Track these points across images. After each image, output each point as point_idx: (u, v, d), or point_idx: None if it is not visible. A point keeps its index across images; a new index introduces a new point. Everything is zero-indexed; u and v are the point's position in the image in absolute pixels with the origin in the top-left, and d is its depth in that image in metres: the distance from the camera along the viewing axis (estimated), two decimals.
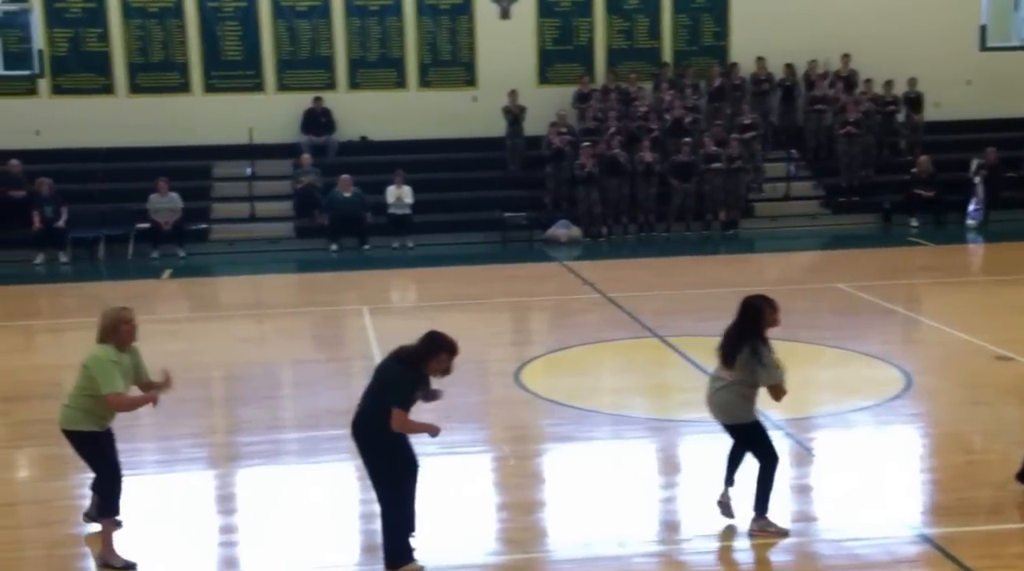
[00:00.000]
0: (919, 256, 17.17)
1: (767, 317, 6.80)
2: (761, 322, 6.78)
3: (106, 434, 6.62)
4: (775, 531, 6.89)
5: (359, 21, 20.33)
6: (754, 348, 6.70)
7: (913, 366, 10.56)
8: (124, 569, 6.48)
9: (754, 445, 6.95)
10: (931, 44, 20.16)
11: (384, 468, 6.40)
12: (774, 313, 6.85)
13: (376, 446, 6.36)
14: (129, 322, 6.51)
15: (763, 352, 6.71)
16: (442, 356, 6.36)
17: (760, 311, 6.81)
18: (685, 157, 18.97)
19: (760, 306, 6.84)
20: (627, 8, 20.84)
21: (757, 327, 6.76)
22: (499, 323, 13.56)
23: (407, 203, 18.67)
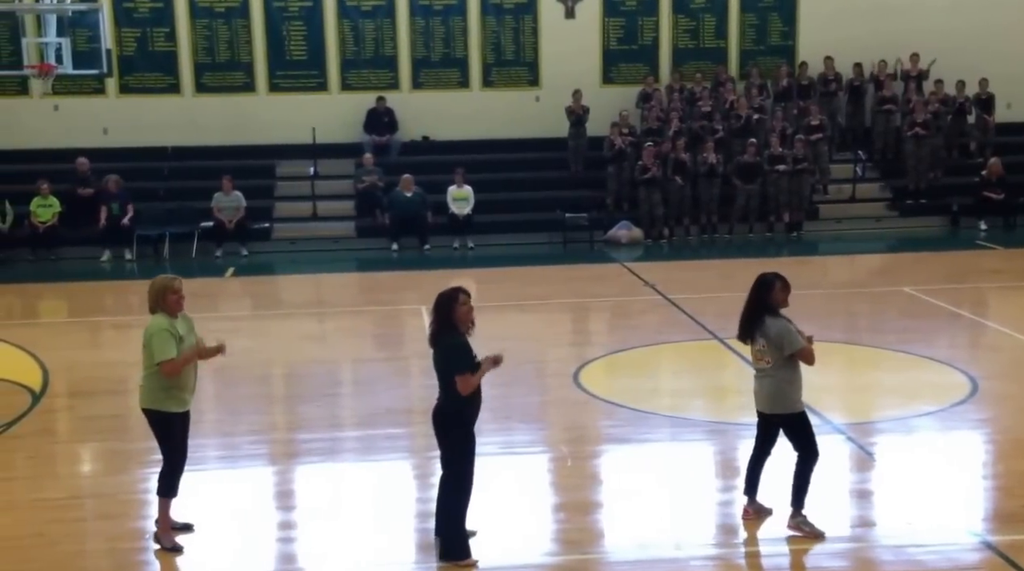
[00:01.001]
0: (987, 260, 16.81)
1: (776, 292, 6.82)
2: (769, 296, 6.82)
3: (180, 417, 6.72)
4: (810, 532, 6.82)
5: (423, 21, 20.43)
6: (768, 321, 6.81)
7: (979, 371, 10.35)
8: (171, 550, 6.61)
9: (797, 437, 6.92)
10: (1003, 44, 19.77)
11: (456, 459, 6.49)
12: (784, 291, 6.86)
13: (451, 436, 6.48)
14: (176, 291, 6.62)
15: (777, 322, 6.79)
16: (458, 303, 6.48)
17: (770, 285, 6.86)
18: (750, 158, 18.77)
19: (771, 280, 6.90)
20: (693, 7, 20.69)
21: (766, 301, 6.82)
22: (559, 324, 13.53)
23: (468, 203, 18.71)
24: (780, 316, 6.88)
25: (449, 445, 6.52)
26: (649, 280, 15.11)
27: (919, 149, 19.36)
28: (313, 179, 19.44)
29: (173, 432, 6.70)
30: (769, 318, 6.84)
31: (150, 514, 7.55)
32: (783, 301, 6.90)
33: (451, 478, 6.53)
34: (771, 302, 6.85)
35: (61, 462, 8.69)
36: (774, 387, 6.92)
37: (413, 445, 8.82)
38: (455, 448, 6.50)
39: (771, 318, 6.84)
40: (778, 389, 6.91)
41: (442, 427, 6.51)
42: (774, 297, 6.85)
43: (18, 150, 19.43)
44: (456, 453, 6.50)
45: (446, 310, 6.49)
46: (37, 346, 11.96)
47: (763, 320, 6.84)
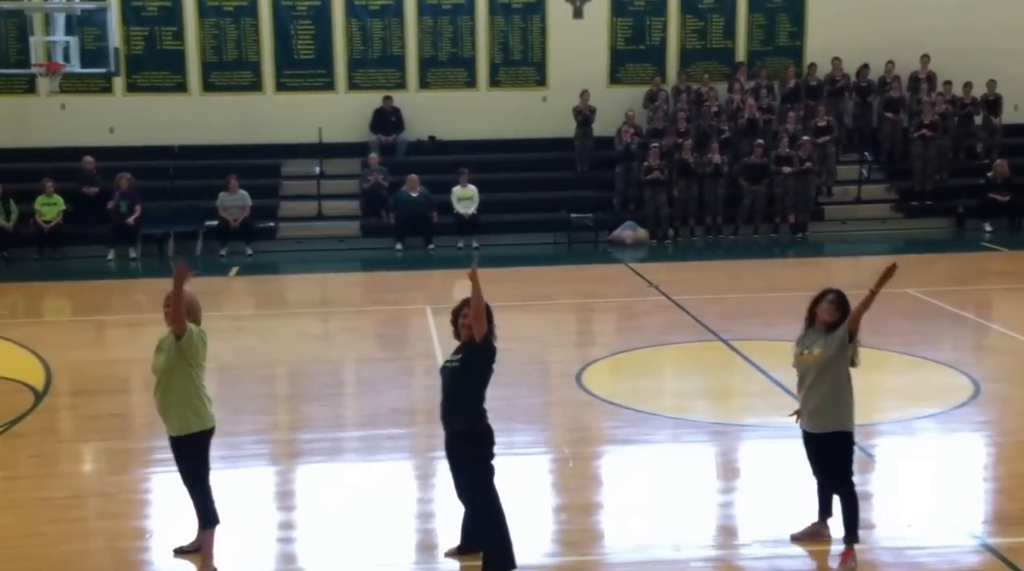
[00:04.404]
0: (992, 262, 16.79)
1: (815, 305, 6.68)
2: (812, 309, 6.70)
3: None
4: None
5: (431, 20, 20.43)
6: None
7: (982, 374, 10.34)
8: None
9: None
10: (1011, 45, 19.69)
11: (482, 469, 6.38)
12: (816, 303, 6.69)
13: (484, 444, 6.39)
14: (165, 305, 6.43)
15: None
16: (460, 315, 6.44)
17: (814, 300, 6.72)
18: (757, 159, 18.76)
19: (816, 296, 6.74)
20: (702, 8, 20.65)
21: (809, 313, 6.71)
22: (563, 324, 13.55)
23: (473, 202, 18.73)
24: (805, 328, 6.76)
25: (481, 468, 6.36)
26: (653, 281, 15.11)
27: (926, 150, 19.32)
28: (319, 178, 19.46)
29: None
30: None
31: (151, 514, 7.60)
32: (819, 312, 6.68)
33: (485, 488, 6.37)
34: (811, 315, 6.75)
35: (63, 461, 8.71)
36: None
37: (415, 445, 8.83)
38: (484, 467, 6.37)
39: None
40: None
41: (471, 448, 6.35)
42: (813, 310, 6.72)
43: (25, 148, 19.47)
44: (487, 473, 6.38)
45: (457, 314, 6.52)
46: (40, 345, 11.98)
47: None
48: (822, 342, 6.54)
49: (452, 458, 6.47)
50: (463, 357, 6.38)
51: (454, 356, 6.47)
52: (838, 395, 6.57)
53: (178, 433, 6.42)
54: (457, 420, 6.37)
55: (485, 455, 6.39)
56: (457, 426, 6.38)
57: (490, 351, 6.38)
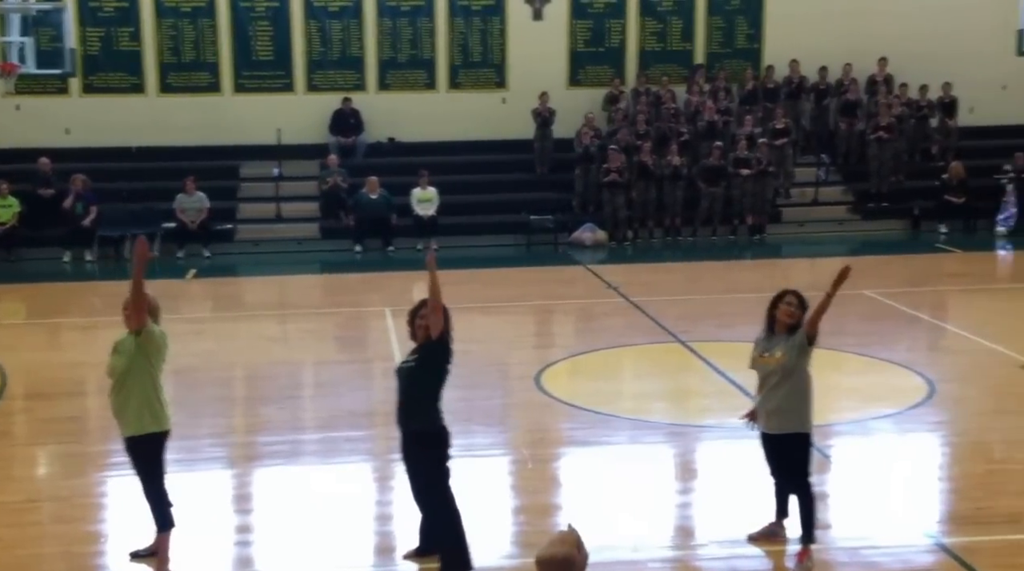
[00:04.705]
0: (947, 263, 17.01)
1: (774, 306, 6.71)
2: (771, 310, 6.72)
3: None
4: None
5: (391, 22, 20.37)
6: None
7: (937, 374, 10.46)
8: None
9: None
10: (967, 49, 19.92)
11: (438, 469, 6.37)
12: (775, 305, 6.71)
13: (435, 455, 6.36)
14: (125, 309, 6.36)
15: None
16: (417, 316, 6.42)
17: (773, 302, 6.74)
18: (715, 161, 18.89)
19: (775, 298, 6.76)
20: (661, 10, 20.76)
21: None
22: (522, 326, 13.56)
23: (432, 204, 18.71)
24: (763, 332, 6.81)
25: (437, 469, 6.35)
26: (612, 283, 15.17)
27: (882, 153, 19.55)
28: (277, 180, 19.35)
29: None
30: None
31: (107, 518, 7.52)
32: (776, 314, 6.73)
33: (444, 489, 6.38)
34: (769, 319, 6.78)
35: (18, 465, 8.61)
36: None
37: (374, 448, 8.80)
38: (440, 467, 6.36)
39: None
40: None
41: (428, 448, 6.34)
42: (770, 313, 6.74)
43: None
44: (443, 474, 6.37)
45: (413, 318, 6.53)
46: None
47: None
48: (783, 345, 6.59)
49: (408, 459, 6.46)
50: (420, 357, 6.37)
51: (410, 356, 6.46)
52: (799, 397, 6.63)
53: (134, 433, 6.36)
54: (413, 420, 6.35)
55: (441, 456, 6.38)
56: (413, 426, 6.36)
57: (447, 351, 6.37)
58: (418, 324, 6.42)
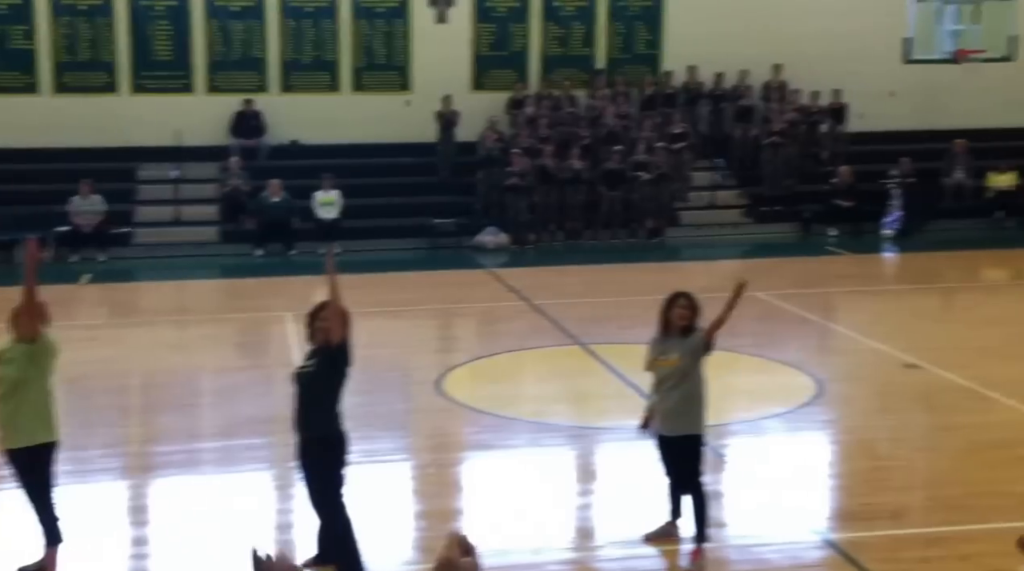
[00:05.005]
0: (836, 265, 17.50)
1: (668, 309, 6.85)
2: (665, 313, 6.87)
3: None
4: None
5: (293, 23, 20.19)
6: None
7: (826, 374, 10.80)
8: None
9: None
10: (856, 57, 20.51)
11: (334, 475, 6.37)
12: (669, 308, 6.86)
13: (338, 462, 6.36)
14: (14, 317, 6.22)
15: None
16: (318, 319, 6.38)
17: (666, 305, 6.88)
18: (615, 165, 19.16)
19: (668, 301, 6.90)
20: (563, 15, 20.96)
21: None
22: (424, 330, 13.59)
23: (335, 207, 18.62)
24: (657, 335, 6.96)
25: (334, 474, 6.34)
26: (515, 286, 15.29)
27: (775, 158, 20.05)
28: (176, 183, 19.04)
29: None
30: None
31: None
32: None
33: (339, 494, 6.37)
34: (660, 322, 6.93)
35: None
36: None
37: (275, 455, 8.73)
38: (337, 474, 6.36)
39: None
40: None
41: (325, 454, 6.32)
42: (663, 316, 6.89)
43: None
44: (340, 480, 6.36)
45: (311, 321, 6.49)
46: None
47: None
48: (679, 347, 6.75)
49: (305, 465, 6.42)
50: (319, 362, 6.33)
51: (308, 361, 6.42)
52: (694, 400, 6.81)
53: (23, 445, 6.23)
54: (311, 426, 6.32)
55: (339, 462, 6.36)
56: (311, 432, 6.32)
57: (347, 356, 6.35)
58: (317, 326, 6.39)
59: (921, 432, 9.41)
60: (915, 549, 6.93)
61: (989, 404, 9.71)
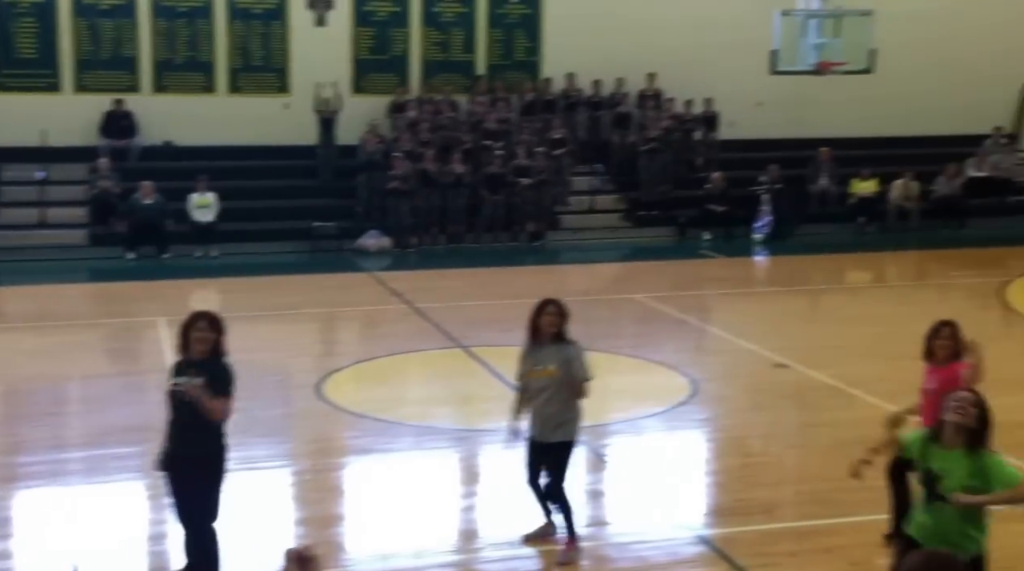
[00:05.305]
0: (710, 268, 17.96)
1: (538, 317, 6.87)
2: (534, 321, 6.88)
3: None
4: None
5: (166, 22, 19.76)
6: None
7: (700, 374, 11.06)
8: None
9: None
10: (727, 67, 21.05)
11: (216, 489, 6.25)
12: (539, 316, 6.90)
13: (221, 466, 6.25)
14: None
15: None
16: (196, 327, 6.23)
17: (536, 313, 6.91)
18: (496, 169, 19.28)
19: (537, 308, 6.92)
20: (443, 21, 20.99)
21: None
22: (304, 334, 13.43)
23: (211, 210, 18.28)
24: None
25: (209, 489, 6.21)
26: (397, 289, 15.25)
27: (651, 163, 20.46)
28: (42, 184, 18.40)
29: None
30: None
31: None
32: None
33: (217, 502, 6.26)
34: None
35: None
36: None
37: (146, 464, 8.49)
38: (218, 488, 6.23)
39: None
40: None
41: (208, 469, 6.20)
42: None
43: None
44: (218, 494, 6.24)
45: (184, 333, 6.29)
46: None
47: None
48: (554, 357, 6.80)
49: (178, 479, 6.21)
50: (208, 381, 6.10)
51: (195, 379, 6.15)
52: (572, 406, 6.88)
53: None
54: (192, 443, 6.14)
55: (217, 478, 6.23)
56: (190, 449, 6.14)
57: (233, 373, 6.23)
58: (193, 337, 6.24)
59: (790, 429, 9.73)
60: (784, 543, 7.15)
61: (852, 401, 10.08)
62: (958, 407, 4.87)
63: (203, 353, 6.19)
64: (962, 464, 4.89)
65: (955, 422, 4.90)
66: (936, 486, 4.93)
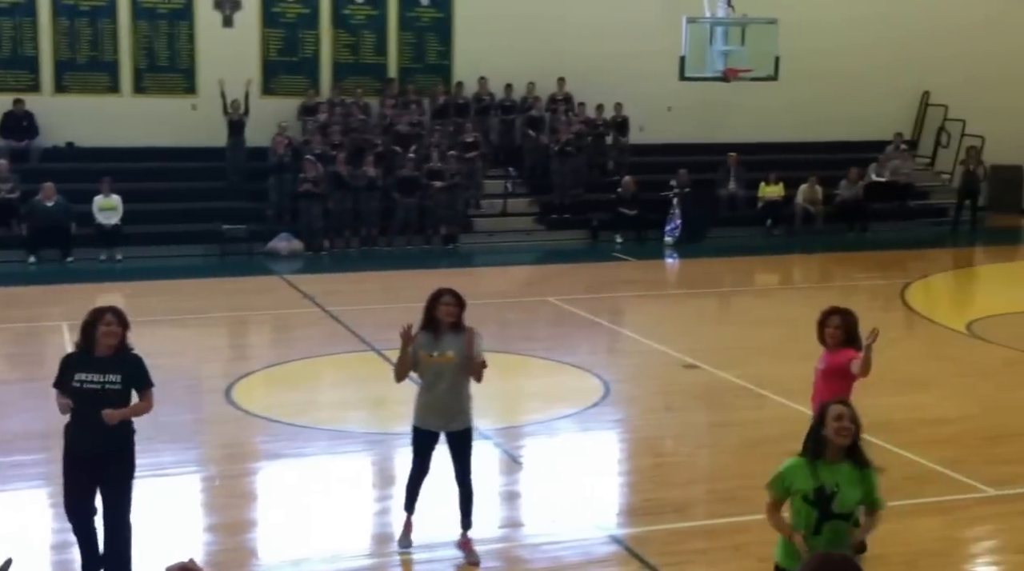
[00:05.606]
0: (622, 271, 18.13)
1: (434, 307, 6.90)
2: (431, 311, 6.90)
3: None
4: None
5: (68, 21, 19.30)
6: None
7: (613, 375, 11.18)
8: None
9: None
10: (637, 72, 21.30)
11: (131, 489, 6.27)
12: (435, 305, 6.91)
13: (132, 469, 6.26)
14: None
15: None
16: (103, 321, 6.15)
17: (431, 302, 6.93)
18: (409, 172, 19.23)
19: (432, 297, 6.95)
20: (353, 23, 20.87)
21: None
22: (213, 338, 13.23)
23: (116, 212, 17.90)
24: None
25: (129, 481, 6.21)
26: (308, 292, 15.12)
27: (563, 167, 20.62)
28: None
29: None
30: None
31: None
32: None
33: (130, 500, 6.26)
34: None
35: None
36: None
37: (49, 472, 8.28)
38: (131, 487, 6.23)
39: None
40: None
41: (124, 468, 6.20)
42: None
43: None
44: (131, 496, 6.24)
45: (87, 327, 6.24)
46: None
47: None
48: (454, 344, 6.81)
49: (100, 476, 6.18)
50: (125, 377, 6.15)
51: (109, 375, 6.11)
52: (467, 394, 6.93)
53: None
54: (110, 439, 6.13)
55: (132, 475, 6.25)
56: (110, 445, 6.14)
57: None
58: (103, 332, 6.11)
59: (701, 429, 9.89)
60: (695, 541, 7.26)
61: (761, 401, 10.28)
62: (841, 428, 4.86)
63: (111, 348, 6.12)
64: (851, 478, 4.91)
65: (839, 443, 4.92)
66: (831, 503, 4.88)
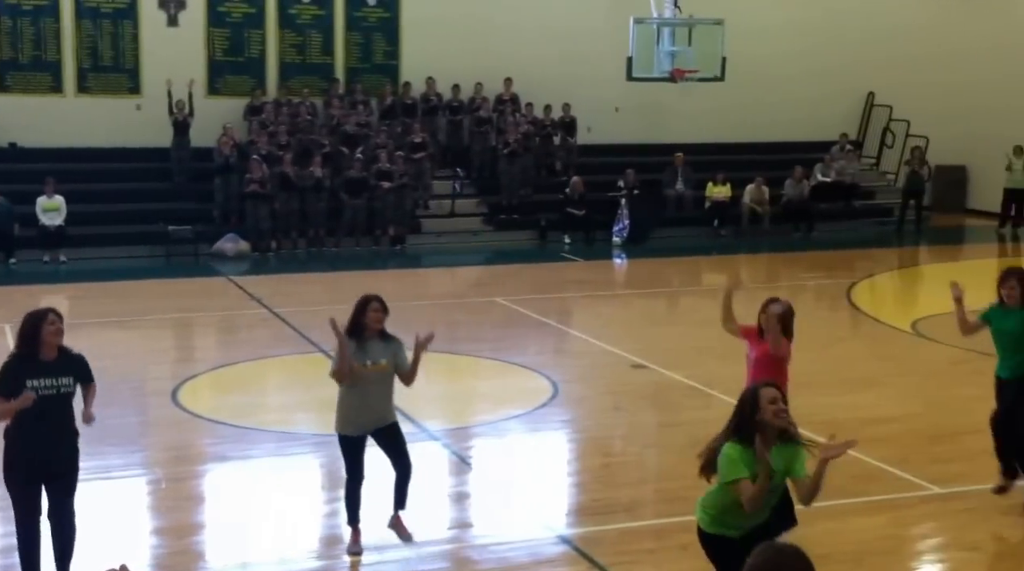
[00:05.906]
0: (570, 271, 18.19)
1: (362, 314, 6.98)
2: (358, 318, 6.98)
3: None
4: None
5: (10, 21, 19.03)
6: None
7: (561, 376, 11.23)
8: None
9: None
10: (584, 73, 21.40)
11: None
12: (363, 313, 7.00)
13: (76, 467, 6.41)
14: None
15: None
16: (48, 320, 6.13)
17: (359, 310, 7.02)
18: (357, 173, 19.17)
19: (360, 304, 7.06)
20: (299, 23, 20.75)
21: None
22: (159, 340, 13.09)
23: (60, 214, 17.66)
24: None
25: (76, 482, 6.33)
26: (255, 294, 15.02)
27: (511, 168, 20.66)
28: None
29: None
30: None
31: None
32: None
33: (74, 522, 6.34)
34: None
35: None
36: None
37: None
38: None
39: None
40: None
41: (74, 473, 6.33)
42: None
43: None
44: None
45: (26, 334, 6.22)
46: None
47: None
48: (385, 352, 6.89)
49: (59, 483, 6.23)
50: (76, 378, 6.21)
51: (60, 379, 6.09)
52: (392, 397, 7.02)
53: None
54: (65, 444, 6.21)
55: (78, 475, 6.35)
56: (64, 450, 6.22)
57: None
58: (49, 331, 6.06)
59: (649, 429, 9.99)
60: (643, 541, 7.32)
61: (709, 401, 10.37)
62: (778, 411, 5.09)
63: (56, 348, 6.14)
64: (782, 455, 5.11)
65: (777, 425, 5.12)
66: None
